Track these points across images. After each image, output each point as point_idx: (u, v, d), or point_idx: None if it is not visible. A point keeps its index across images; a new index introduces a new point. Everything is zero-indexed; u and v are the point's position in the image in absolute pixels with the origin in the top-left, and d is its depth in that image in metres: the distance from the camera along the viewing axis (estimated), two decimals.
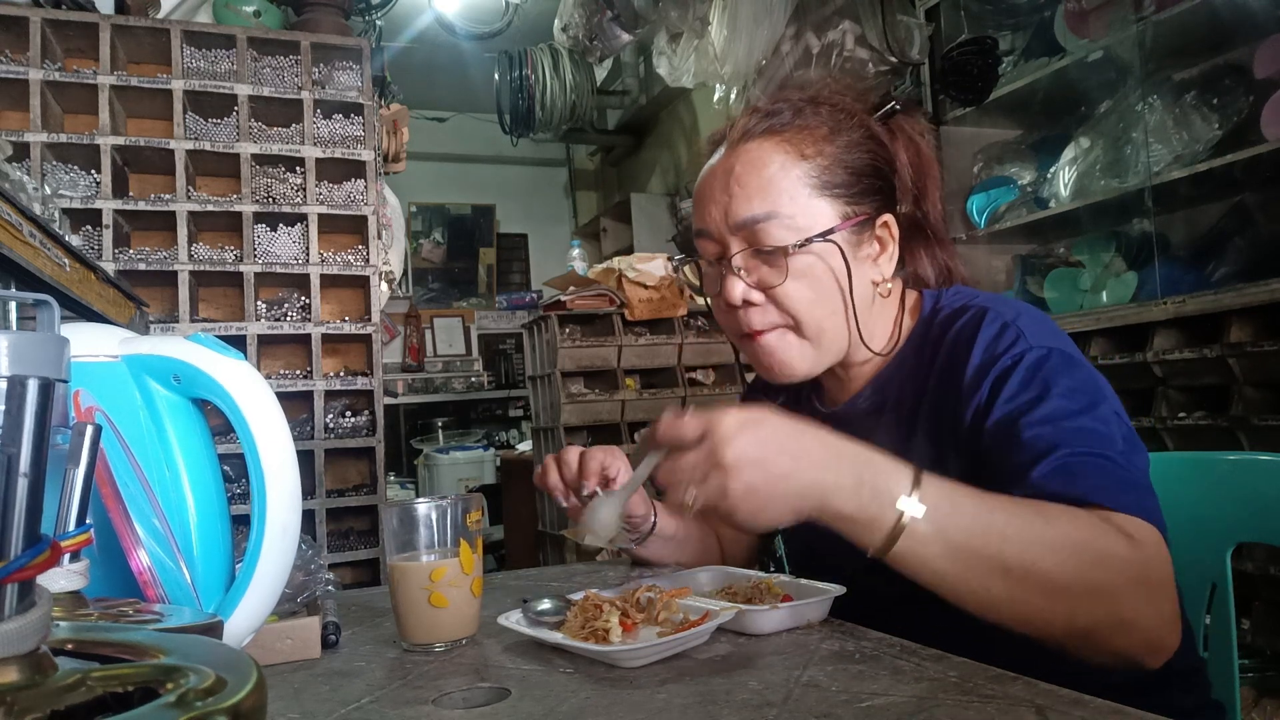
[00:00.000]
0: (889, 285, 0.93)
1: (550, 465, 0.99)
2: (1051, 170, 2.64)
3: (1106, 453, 0.73)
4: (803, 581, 0.85)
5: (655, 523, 1.03)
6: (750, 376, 1.11)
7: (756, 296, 0.88)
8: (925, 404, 0.88)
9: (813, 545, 0.99)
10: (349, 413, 2.30)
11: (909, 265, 0.97)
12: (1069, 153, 2.58)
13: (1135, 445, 0.77)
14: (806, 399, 1.03)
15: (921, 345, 0.92)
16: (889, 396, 0.93)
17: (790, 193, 0.87)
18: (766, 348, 0.90)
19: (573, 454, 0.98)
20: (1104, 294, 2.49)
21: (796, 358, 0.90)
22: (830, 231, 0.87)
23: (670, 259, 1.00)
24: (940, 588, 0.68)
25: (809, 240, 0.86)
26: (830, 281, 0.88)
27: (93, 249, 2.03)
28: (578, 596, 0.85)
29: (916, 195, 0.94)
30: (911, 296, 0.97)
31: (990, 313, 0.86)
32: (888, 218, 0.92)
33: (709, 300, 0.97)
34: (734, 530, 1.14)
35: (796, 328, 0.89)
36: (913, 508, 0.66)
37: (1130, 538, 0.68)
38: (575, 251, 3.63)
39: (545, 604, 0.81)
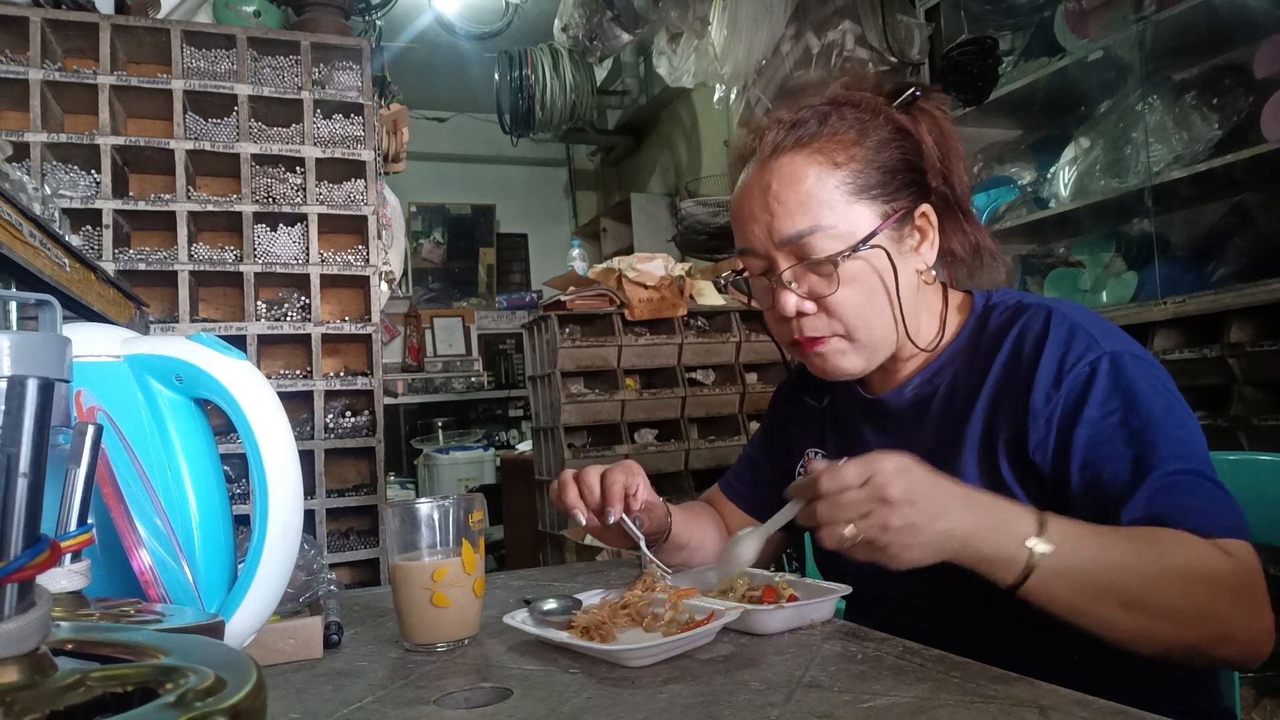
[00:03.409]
0: (933, 272, 0.95)
1: (569, 483, 0.96)
2: (1051, 170, 2.64)
3: (1198, 467, 0.78)
4: (808, 581, 0.85)
5: (670, 529, 1.02)
6: (751, 377, 1.10)
7: (809, 306, 0.90)
8: (983, 398, 0.89)
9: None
10: (349, 413, 2.30)
11: (941, 243, 0.97)
12: (1069, 153, 2.58)
13: (1204, 442, 0.81)
14: (845, 385, 1.04)
15: (976, 341, 0.93)
16: (938, 389, 0.94)
17: (829, 203, 0.88)
18: (820, 354, 0.92)
19: (593, 476, 0.95)
20: (1104, 294, 2.49)
21: (850, 361, 0.93)
22: (873, 235, 0.88)
23: (719, 276, 1.01)
24: (1067, 617, 0.73)
25: (855, 248, 0.88)
26: (878, 283, 0.90)
27: (93, 249, 2.03)
28: (585, 596, 0.85)
29: (943, 172, 0.95)
30: (957, 296, 0.99)
31: (1055, 315, 0.87)
32: (925, 207, 0.93)
33: (759, 308, 0.99)
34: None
35: (849, 334, 0.91)
36: (1041, 547, 0.71)
37: (1232, 558, 0.72)
38: (575, 251, 3.63)
39: (551, 603, 0.82)
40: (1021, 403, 0.85)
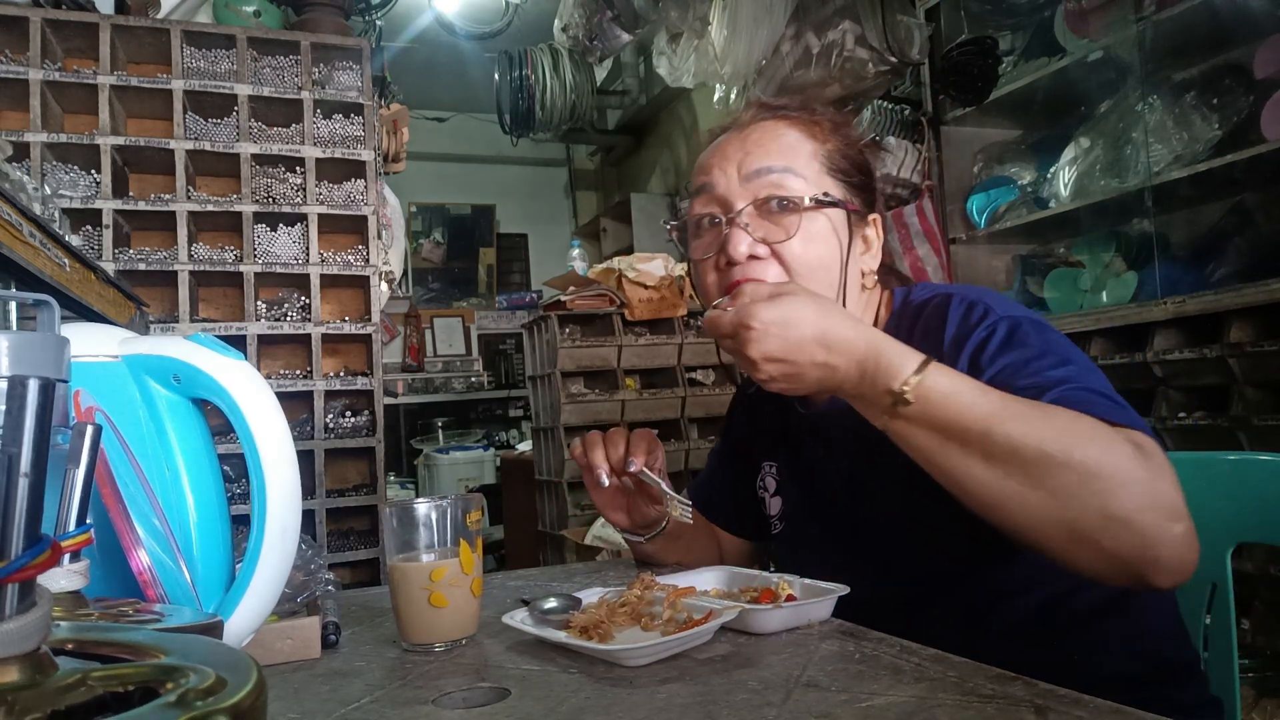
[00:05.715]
0: (874, 277, 0.97)
1: (596, 442, 0.97)
2: (1051, 170, 2.64)
3: (1094, 387, 0.75)
4: (806, 581, 0.85)
5: (668, 522, 1.04)
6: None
7: (762, 250, 0.88)
8: None
9: (804, 559, 1.00)
10: (349, 413, 2.30)
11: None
12: (1069, 153, 2.58)
13: (1109, 384, 0.79)
14: (787, 403, 1.04)
15: (894, 335, 0.93)
16: None
17: (805, 159, 0.91)
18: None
19: (618, 434, 0.98)
20: (1104, 294, 2.49)
21: None
22: (842, 202, 0.91)
23: (669, 225, 1.00)
24: (926, 466, 0.73)
25: (824, 196, 0.89)
26: (833, 250, 0.90)
27: (93, 249, 2.03)
28: (584, 595, 0.85)
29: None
30: (884, 295, 1.01)
31: (956, 296, 0.88)
32: (875, 217, 0.97)
33: (694, 264, 0.97)
34: (732, 533, 1.16)
35: None
36: (903, 393, 0.70)
37: (1138, 446, 0.67)
38: (575, 251, 3.63)
39: (551, 603, 0.82)
40: None
